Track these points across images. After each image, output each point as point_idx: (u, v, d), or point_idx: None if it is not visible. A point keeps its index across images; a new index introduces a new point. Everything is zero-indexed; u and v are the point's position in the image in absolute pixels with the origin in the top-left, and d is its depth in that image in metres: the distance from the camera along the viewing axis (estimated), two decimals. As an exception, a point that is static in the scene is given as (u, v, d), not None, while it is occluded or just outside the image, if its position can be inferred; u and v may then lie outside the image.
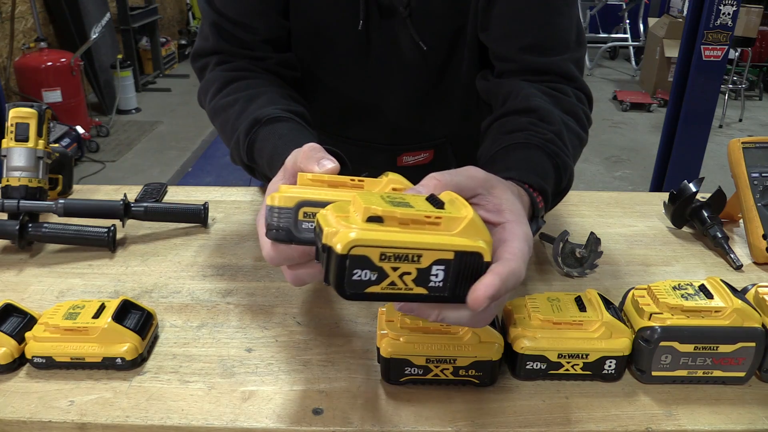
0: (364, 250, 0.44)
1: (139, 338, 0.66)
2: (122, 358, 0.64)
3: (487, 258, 0.47)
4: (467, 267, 0.46)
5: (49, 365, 0.65)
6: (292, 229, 0.52)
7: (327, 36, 0.90)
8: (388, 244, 0.44)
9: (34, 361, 0.65)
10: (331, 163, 0.56)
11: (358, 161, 1.03)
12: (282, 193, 0.52)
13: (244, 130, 0.77)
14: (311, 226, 0.51)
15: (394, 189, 0.52)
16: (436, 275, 0.46)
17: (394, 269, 0.45)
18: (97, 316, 0.65)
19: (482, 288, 0.46)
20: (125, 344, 0.64)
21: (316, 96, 0.98)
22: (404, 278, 0.46)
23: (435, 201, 0.48)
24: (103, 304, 0.67)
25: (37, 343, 0.64)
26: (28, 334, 0.65)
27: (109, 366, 0.65)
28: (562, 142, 0.75)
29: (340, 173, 0.57)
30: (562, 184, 0.74)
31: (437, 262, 0.46)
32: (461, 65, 0.91)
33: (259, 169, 0.80)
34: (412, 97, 0.96)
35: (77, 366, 0.65)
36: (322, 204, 0.49)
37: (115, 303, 0.67)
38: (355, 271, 0.44)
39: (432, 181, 0.52)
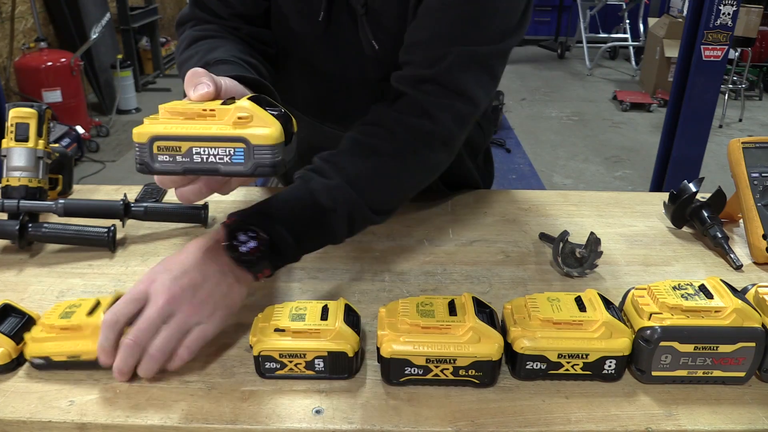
0: None
1: None
2: None
3: None
4: None
5: (48, 366, 0.65)
6: (149, 162, 0.57)
7: (297, 20, 0.92)
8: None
9: (34, 362, 0.65)
10: (205, 88, 0.60)
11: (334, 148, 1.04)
12: (137, 129, 0.57)
13: None
14: (167, 158, 0.57)
15: (240, 118, 0.56)
16: None
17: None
18: (91, 313, 0.65)
19: None
20: None
21: (294, 77, 1.00)
22: None
23: None
24: (98, 301, 0.67)
25: (34, 344, 0.64)
26: (27, 336, 0.65)
27: None
28: (330, 162, 0.77)
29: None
30: (317, 202, 0.74)
31: None
32: None
33: None
34: (379, 93, 0.96)
35: (75, 366, 0.65)
36: (172, 137, 0.56)
37: (109, 299, 0.67)
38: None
39: None
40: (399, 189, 0.83)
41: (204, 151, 0.56)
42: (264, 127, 0.56)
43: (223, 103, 0.58)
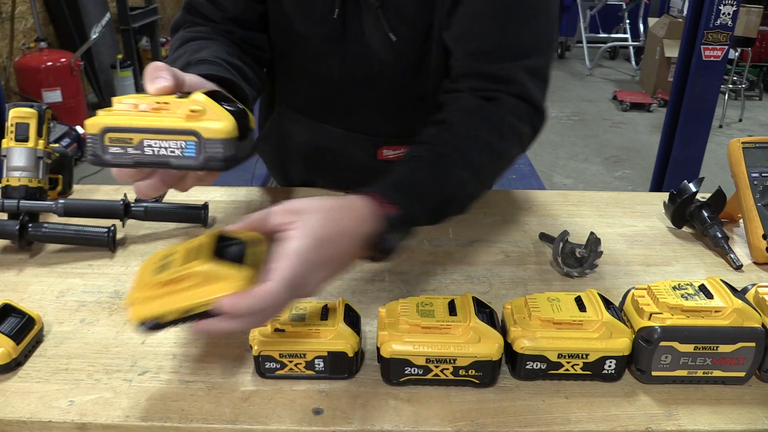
0: None
1: None
2: None
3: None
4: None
5: (160, 326, 0.56)
6: (100, 154, 0.57)
7: (304, 22, 0.91)
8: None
9: (145, 326, 0.56)
10: (163, 82, 0.59)
11: (339, 149, 1.04)
12: (90, 120, 0.56)
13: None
14: (118, 149, 0.56)
15: (192, 111, 0.56)
16: None
17: None
18: (194, 258, 0.56)
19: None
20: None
21: (296, 80, 1.00)
22: None
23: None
24: (199, 243, 0.57)
25: (142, 306, 0.56)
26: (128, 300, 0.56)
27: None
28: (459, 153, 0.76)
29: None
30: (445, 193, 0.74)
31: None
32: (432, 62, 0.91)
33: None
34: (387, 90, 0.96)
35: (188, 320, 0.56)
36: (124, 129, 0.56)
37: (211, 240, 0.58)
38: None
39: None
40: (493, 185, 0.84)
41: (155, 143, 0.56)
42: (216, 121, 0.56)
43: (178, 97, 0.58)
